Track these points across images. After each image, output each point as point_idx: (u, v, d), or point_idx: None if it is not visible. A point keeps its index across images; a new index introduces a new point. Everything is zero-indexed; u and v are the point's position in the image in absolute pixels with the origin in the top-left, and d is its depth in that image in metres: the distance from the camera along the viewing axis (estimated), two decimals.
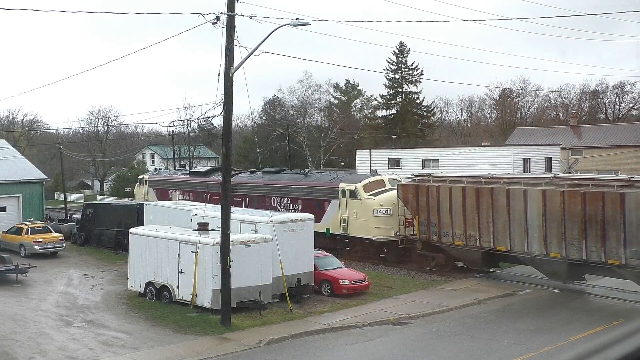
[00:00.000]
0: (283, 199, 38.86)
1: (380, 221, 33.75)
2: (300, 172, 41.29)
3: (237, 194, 40.40)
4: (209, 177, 44.45)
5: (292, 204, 38.27)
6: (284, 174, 41.55)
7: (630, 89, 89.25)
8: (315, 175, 39.48)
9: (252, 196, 40.69)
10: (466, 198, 29.46)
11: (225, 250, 22.39)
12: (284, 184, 39.42)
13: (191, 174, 48.35)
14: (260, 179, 41.62)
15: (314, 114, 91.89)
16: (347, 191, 35.14)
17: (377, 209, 33.77)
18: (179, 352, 19.71)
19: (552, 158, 56.69)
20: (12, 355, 19.74)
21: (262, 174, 42.37)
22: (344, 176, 37.64)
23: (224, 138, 23.42)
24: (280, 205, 38.87)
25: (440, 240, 31.00)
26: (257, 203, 39.46)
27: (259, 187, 40.71)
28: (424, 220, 31.59)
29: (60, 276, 32.50)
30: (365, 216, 34.05)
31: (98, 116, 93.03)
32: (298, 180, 39.00)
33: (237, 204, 37.98)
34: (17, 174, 46.44)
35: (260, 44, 21.96)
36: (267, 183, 40.38)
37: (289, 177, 40.24)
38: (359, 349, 20.46)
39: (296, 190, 38.35)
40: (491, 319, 23.91)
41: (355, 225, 34.65)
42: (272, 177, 40.88)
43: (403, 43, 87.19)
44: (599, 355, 3.60)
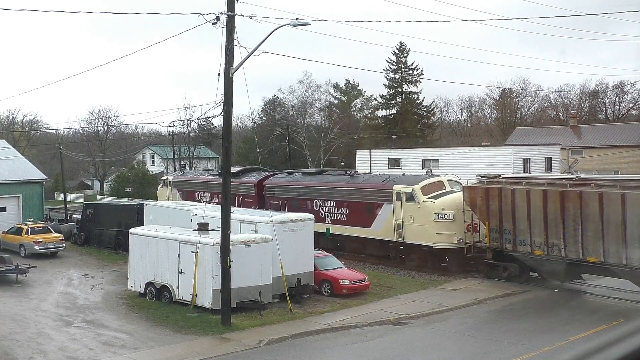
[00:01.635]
0: (327, 202, 36.67)
1: (442, 226, 31.05)
2: (346, 173, 39.27)
3: (274, 196, 39.38)
4: (240, 179, 42.73)
5: (337, 208, 36.19)
6: (327, 175, 39.49)
7: (630, 88, 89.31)
8: (363, 177, 37.19)
9: (291, 199, 38.52)
10: (548, 202, 26.47)
11: (225, 250, 22.39)
12: (328, 186, 37.17)
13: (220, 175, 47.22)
14: (299, 180, 39.51)
15: (314, 114, 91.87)
16: (402, 193, 32.34)
17: (437, 213, 31.04)
18: (179, 352, 19.71)
19: (552, 158, 56.70)
20: (12, 355, 19.75)
21: (301, 175, 40.57)
22: (397, 177, 35.11)
23: (224, 138, 23.43)
24: (323, 209, 36.85)
25: (515, 249, 28.19)
26: (297, 207, 37.31)
27: (299, 190, 38.53)
28: (495, 226, 28.83)
29: (60, 276, 32.50)
30: (424, 221, 31.32)
31: (98, 116, 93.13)
32: (344, 182, 36.62)
33: (273, 207, 36.78)
34: (17, 174, 46.44)
35: (260, 44, 21.98)
36: (308, 185, 38.27)
37: (333, 179, 37.90)
38: (359, 349, 20.45)
39: (342, 192, 36.06)
40: (491, 319, 23.92)
41: (411, 231, 32.00)
42: (314, 179, 38.70)
43: (403, 43, 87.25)
44: (599, 355, 3.60)
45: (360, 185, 35.35)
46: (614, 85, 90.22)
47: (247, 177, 43.18)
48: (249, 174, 43.75)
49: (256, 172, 43.83)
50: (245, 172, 44.65)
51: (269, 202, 39.40)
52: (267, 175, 42.46)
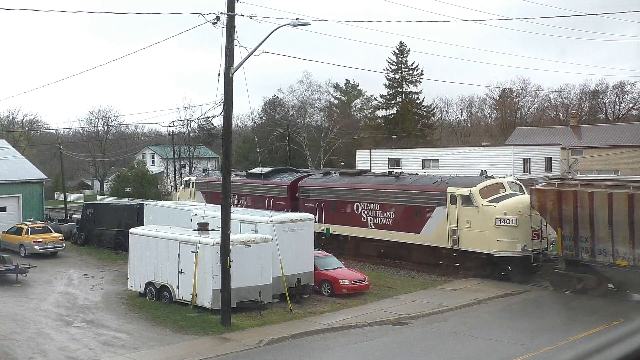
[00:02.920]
0: (369, 205, 34.33)
1: (503, 233, 28.62)
2: (390, 173, 36.93)
3: (310, 199, 37.66)
4: (270, 180, 41.10)
5: (381, 211, 33.79)
6: (368, 176, 37.23)
7: (630, 89, 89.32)
8: (410, 178, 34.48)
9: (329, 202, 36.65)
10: (635, 208, 23.98)
11: (225, 250, 22.39)
12: (370, 187, 34.78)
13: (248, 175, 43.68)
14: (338, 181, 37.27)
15: (314, 114, 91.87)
16: (458, 196, 29.98)
17: (499, 218, 28.64)
18: (179, 352, 19.71)
19: (552, 158, 56.75)
20: (12, 355, 19.75)
21: (339, 175, 38.39)
22: (450, 179, 32.30)
23: (224, 138, 23.43)
24: (365, 212, 34.63)
25: (593, 258, 25.66)
26: (335, 210, 36.00)
27: (338, 192, 36.38)
28: (569, 233, 26.26)
29: (60, 276, 32.50)
30: (484, 226, 29.01)
31: (98, 116, 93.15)
32: (388, 183, 34.26)
33: (309, 210, 35.53)
34: (17, 174, 46.45)
35: (260, 44, 21.98)
36: (348, 187, 36.09)
37: (376, 180, 35.54)
38: (359, 349, 20.45)
39: (386, 195, 33.65)
40: (491, 319, 23.91)
41: (468, 238, 29.64)
42: (354, 180, 36.42)
43: (403, 43, 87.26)
44: (599, 355, 3.60)
45: (408, 187, 32.98)
46: (614, 86, 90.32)
47: (279, 178, 41.26)
48: (280, 175, 41.82)
49: (288, 173, 42.20)
50: (276, 172, 42.57)
51: (304, 204, 37.82)
52: (300, 176, 40.59)
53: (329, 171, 40.51)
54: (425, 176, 34.91)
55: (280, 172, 42.57)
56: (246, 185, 42.34)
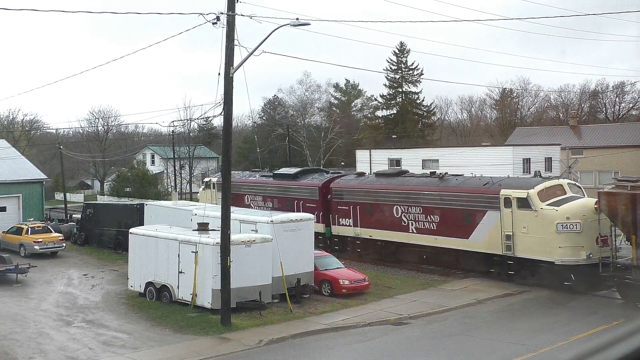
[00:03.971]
0: (411, 208, 32.48)
1: (566, 239, 26.64)
2: (432, 174, 34.39)
3: (343, 201, 36.07)
4: (299, 181, 39.44)
5: (424, 215, 31.94)
6: (408, 177, 34.92)
7: (630, 89, 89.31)
8: (457, 179, 32.35)
9: (365, 204, 34.81)
10: None
11: (225, 250, 22.39)
12: (412, 189, 32.78)
13: (275, 176, 41.77)
14: (375, 183, 35.35)
15: (314, 114, 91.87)
16: (513, 199, 28.12)
17: (561, 223, 26.65)
18: (178, 352, 19.71)
19: (552, 158, 56.71)
20: (12, 355, 19.75)
21: (375, 176, 36.66)
22: (503, 180, 30.36)
23: (224, 138, 23.43)
24: (406, 216, 32.70)
25: None
26: (372, 213, 34.19)
27: (376, 194, 34.53)
28: None
29: (60, 276, 32.50)
30: (544, 232, 27.11)
31: (98, 116, 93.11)
32: (432, 185, 32.32)
33: (342, 213, 34.98)
34: (17, 174, 46.45)
35: (260, 44, 21.98)
36: (387, 188, 34.05)
37: (418, 182, 33.42)
38: (359, 349, 20.45)
39: (430, 197, 31.78)
40: (491, 319, 23.91)
41: (525, 244, 27.71)
42: (393, 181, 34.33)
43: (403, 43, 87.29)
44: (599, 355, 3.60)
45: (455, 189, 31.05)
46: (614, 86, 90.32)
47: (308, 179, 39.42)
48: (309, 176, 40.02)
49: (317, 174, 40.65)
50: (305, 173, 40.80)
51: (336, 207, 36.43)
52: (332, 177, 38.92)
53: (362, 172, 38.38)
54: (474, 177, 32.78)
55: (310, 173, 41.06)
56: (272, 186, 40.87)
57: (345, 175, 39.34)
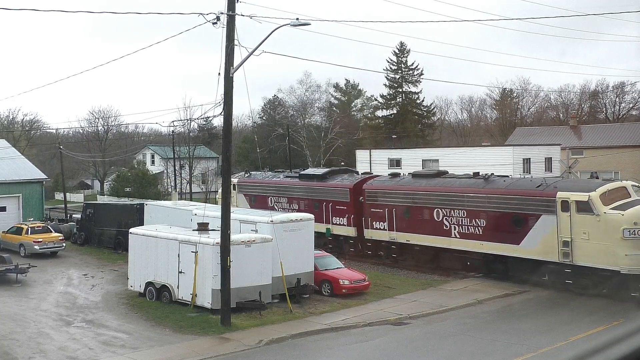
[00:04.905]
0: (453, 211, 30.65)
1: (634, 246, 24.89)
2: (475, 175, 32.10)
3: (377, 203, 34.19)
4: (327, 182, 37.71)
5: (468, 219, 30.12)
6: (449, 178, 32.95)
7: (630, 89, 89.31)
8: (504, 180, 30.55)
9: (401, 207, 33.03)
10: None
11: (225, 250, 22.39)
12: (454, 191, 31.00)
13: (301, 177, 39.94)
14: (412, 184, 33.43)
15: (314, 114, 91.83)
16: (572, 203, 26.22)
17: (628, 229, 24.80)
18: (178, 352, 19.71)
19: (552, 158, 56.77)
20: (12, 355, 19.75)
21: (411, 177, 34.41)
22: (558, 182, 28.61)
23: (224, 138, 23.43)
24: (448, 220, 30.91)
25: None
26: (410, 216, 32.44)
27: (414, 196, 32.68)
28: None
29: (60, 276, 32.50)
30: (607, 238, 25.24)
31: (98, 116, 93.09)
32: (477, 186, 30.38)
33: (376, 216, 33.58)
34: (17, 173, 46.45)
35: (260, 44, 21.98)
36: (426, 190, 32.29)
37: (460, 183, 31.45)
38: (359, 349, 20.45)
39: (475, 200, 29.96)
40: (491, 319, 23.91)
41: (586, 251, 25.83)
42: (432, 183, 32.56)
43: (403, 43, 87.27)
44: (599, 355, 3.60)
45: (504, 191, 29.13)
46: (614, 86, 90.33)
47: (338, 180, 37.60)
48: (339, 177, 38.11)
49: (347, 174, 38.74)
50: (334, 174, 38.84)
51: (370, 209, 34.65)
52: (364, 178, 37.24)
53: (397, 172, 36.73)
54: (524, 178, 31.08)
55: (339, 173, 39.08)
56: (298, 187, 39.24)
57: (378, 176, 37.66)
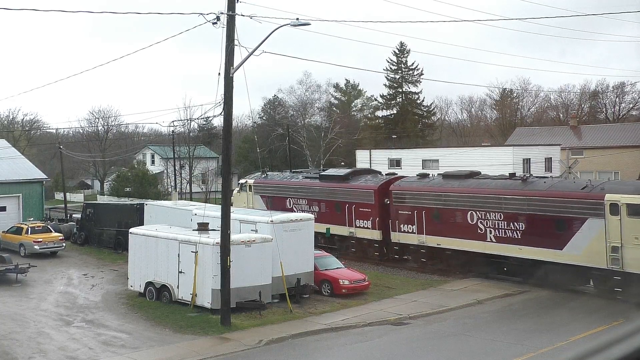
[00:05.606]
0: (489, 214, 29.22)
1: None
2: (512, 176, 30.92)
3: (405, 205, 32.90)
4: (350, 183, 36.31)
5: (505, 222, 28.68)
6: (482, 179, 31.54)
7: (630, 89, 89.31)
8: (545, 182, 28.93)
9: (432, 209, 31.73)
10: None
11: (225, 250, 22.39)
12: (491, 193, 29.51)
13: (321, 178, 38.54)
14: (443, 186, 32.02)
15: (314, 114, 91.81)
16: (622, 205, 24.79)
17: None
18: (178, 352, 19.71)
19: (552, 158, 56.76)
20: (12, 354, 19.75)
21: (443, 178, 32.95)
22: (605, 183, 27.27)
23: (224, 138, 23.43)
24: (483, 223, 29.47)
25: None
26: (440, 219, 31.29)
27: (446, 198, 31.40)
28: None
29: (60, 276, 32.50)
30: None
31: (98, 116, 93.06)
32: (514, 188, 28.98)
33: (404, 219, 32.44)
34: (17, 173, 46.45)
35: (260, 44, 21.98)
36: (458, 192, 30.87)
37: (496, 184, 30.03)
38: (359, 349, 20.46)
39: (513, 202, 28.48)
40: (491, 319, 23.91)
41: (638, 257, 24.54)
42: (465, 184, 31.12)
43: (403, 43, 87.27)
44: (599, 355, 3.60)
45: (545, 194, 27.60)
46: (614, 86, 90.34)
47: (361, 181, 36.14)
48: (362, 178, 36.63)
49: (370, 175, 37.33)
50: (357, 174, 37.35)
51: (397, 212, 33.27)
52: (389, 179, 35.61)
53: (426, 173, 34.85)
54: (566, 180, 29.31)
55: (362, 174, 37.62)
56: (318, 189, 37.85)
57: (404, 177, 36.01)
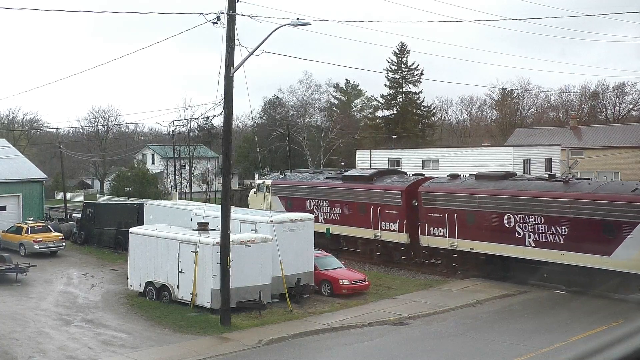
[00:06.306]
0: (528, 217, 27.82)
1: None
2: (552, 177, 29.67)
3: (436, 208, 31.59)
4: (375, 184, 34.97)
5: (546, 226, 27.21)
6: (519, 180, 30.38)
7: (630, 89, 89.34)
8: (589, 184, 27.62)
9: (465, 212, 30.38)
10: None
11: (225, 250, 22.39)
12: (530, 195, 28.08)
13: (344, 179, 37.08)
14: (477, 187, 30.64)
15: (314, 114, 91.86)
16: None
17: None
18: (178, 352, 19.71)
19: (552, 159, 56.73)
20: (12, 354, 19.75)
21: (475, 179, 31.54)
22: None
23: (224, 138, 23.43)
24: (521, 226, 28.07)
25: None
26: (474, 222, 29.92)
27: (480, 200, 30.00)
28: None
29: (60, 275, 32.50)
30: None
31: (98, 115, 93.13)
32: (556, 190, 27.47)
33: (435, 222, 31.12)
34: (17, 173, 46.44)
35: (260, 43, 21.98)
36: (493, 193, 29.43)
37: (536, 186, 28.53)
38: (359, 349, 20.45)
39: (556, 205, 27.05)
40: (491, 320, 23.91)
41: None
42: (501, 186, 29.63)
43: (403, 43, 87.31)
44: (599, 355, 3.60)
45: (590, 196, 26.17)
46: (614, 86, 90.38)
47: (387, 182, 34.74)
48: (388, 178, 35.24)
49: (397, 176, 35.75)
50: (382, 175, 35.96)
51: (427, 215, 31.94)
52: (417, 180, 34.19)
53: (456, 174, 33.34)
54: (613, 182, 27.84)
55: (387, 175, 36.12)
56: (341, 190, 36.54)
57: (432, 178, 34.51)
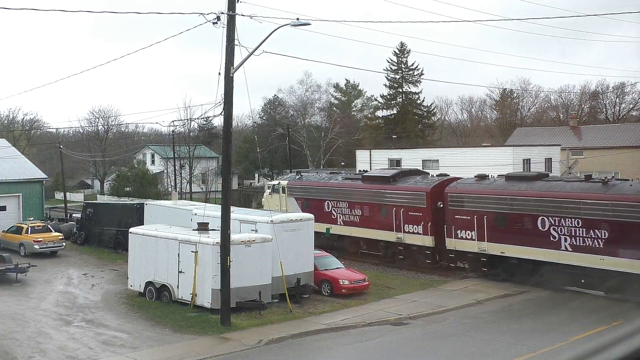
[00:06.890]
0: (564, 220, 26.65)
1: None
2: (588, 178, 28.00)
3: (463, 209, 30.54)
4: (398, 185, 33.80)
5: (584, 229, 26.05)
6: (553, 181, 28.95)
7: (630, 89, 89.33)
8: (631, 185, 26.44)
9: (495, 214, 29.26)
10: None
11: (225, 250, 22.39)
12: (564, 196, 26.87)
13: (364, 179, 35.94)
14: (507, 188, 29.34)
15: (314, 114, 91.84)
16: None
17: None
18: (178, 352, 19.71)
19: (552, 158, 56.70)
20: (12, 354, 19.75)
21: (506, 180, 30.16)
22: None
23: (224, 138, 23.43)
24: (557, 229, 26.87)
25: None
26: (506, 225, 28.80)
27: (511, 201, 28.81)
28: None
29: (60, 275, 32.50)
30: None
31: (98, 116, 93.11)
32: (595, 191, 26.29)
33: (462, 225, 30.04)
34: (17, 173, 46.44)
35: (260, 43, 21.99)
36: (525, 195, 28.35)
37: (572, 187, 27.27)
38: (359, 349, 20.46)
39: (595, 207, 25.92)
40: (491, 320, 23.91)
41: None
42: (534, 186, 28.42)
43: (403, 43, 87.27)
44: (599, 355, 3.61)
45: (633, 198, 25.04)
46: (614, 86, 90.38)
47: (410, 182, 33.60)
48: (411, 179, 34.05)
49: (420, 177, 34.54)
50: (404, 175, 34.73)
51: (453, 217, 30.78)
52: (442, 180, 32.97)
53: (484, 174, 31.94)
54: None
55: (409, 175, 34.88)
56: (361, 191, 35.45)
57: (459, 178, 33.14)
